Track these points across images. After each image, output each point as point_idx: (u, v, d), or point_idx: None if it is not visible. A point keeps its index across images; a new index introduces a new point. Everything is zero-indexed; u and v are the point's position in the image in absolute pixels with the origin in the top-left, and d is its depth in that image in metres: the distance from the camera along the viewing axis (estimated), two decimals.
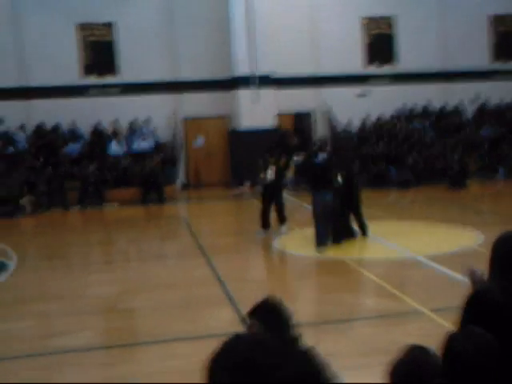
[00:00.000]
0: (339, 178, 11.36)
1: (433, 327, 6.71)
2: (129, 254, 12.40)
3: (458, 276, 8.58)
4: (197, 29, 21.75)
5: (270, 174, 12.56)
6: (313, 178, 11.30)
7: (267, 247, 11.83)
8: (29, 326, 7.79)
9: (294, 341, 1.76)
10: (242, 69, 21.03)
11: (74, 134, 21.16)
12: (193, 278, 9.69)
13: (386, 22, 23.36)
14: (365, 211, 12.10)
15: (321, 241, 11.00)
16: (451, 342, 2.53)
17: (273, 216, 12.86)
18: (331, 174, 11.21)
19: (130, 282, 9.79)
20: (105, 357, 6.82)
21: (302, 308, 8.32)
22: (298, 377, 1.59)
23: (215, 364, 1.56)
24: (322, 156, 11.54)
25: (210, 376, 1.57)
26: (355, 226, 11.87)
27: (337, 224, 11.22)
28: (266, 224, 12.67)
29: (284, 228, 12.78)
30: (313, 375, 1.60)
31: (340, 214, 11.35)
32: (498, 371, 2.46)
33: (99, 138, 21.21)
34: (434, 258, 9.79)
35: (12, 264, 11.27)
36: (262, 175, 12.75)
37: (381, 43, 23.31)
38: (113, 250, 12.71)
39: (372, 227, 12.71)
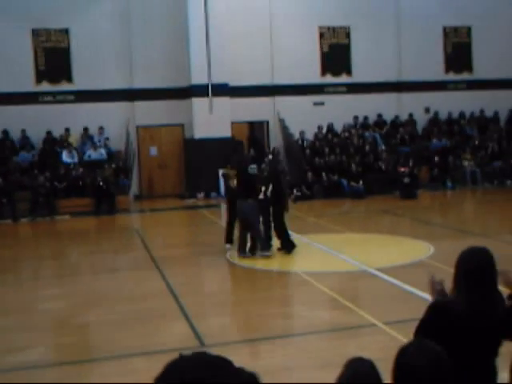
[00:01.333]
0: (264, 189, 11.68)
1: (386, 340, 6.83)
2: (80, 268, 12.22)
3: (410, 288, 8.75)
4: (153, 36, 21.65)
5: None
6: (243, 187, 11.62)
7: (220, 259, 11.81)
8: None
9: None
10: (198, 77, 21.02)
11: (25, 143, 20.77)
12: (146, 292, 9.62)
13: (344, 31, 23.64)
14: (318, 222, 12.19)
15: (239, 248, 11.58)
16: (402, 355, 2.57)
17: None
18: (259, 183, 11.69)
19: (82, 296, 9.65)
20: (59, 373, 6.71)
21: (256, 322, 8.35)
22: None
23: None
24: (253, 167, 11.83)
25: None
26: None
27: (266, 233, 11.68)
28: (230, 238, 12.40)
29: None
30: None
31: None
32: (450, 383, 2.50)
33: (51, 146, 20.87)
34: (386, 271, 9.95)
35: None
36: (232, 183, 12.41)
37: (337, 53, 23.55)
38: (64, 264, 12.50)
39: (324, 239, 12.86)
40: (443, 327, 3.26)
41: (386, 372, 3.27)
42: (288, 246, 11.70)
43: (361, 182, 20.25)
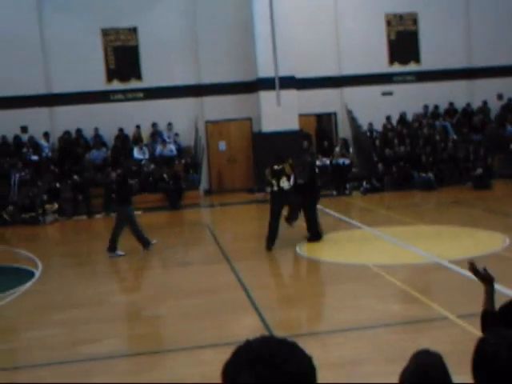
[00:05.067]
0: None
1: (459, 334, 6.66)
2: (153, 261, 12.47)
3: None
4: (219, 32, 21.81)
5: (285, 182, 11.90)
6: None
7: (290, 253, 11.80)
8: (55, 334, 7.87)
9: None
10: (265, 70, 21.02)
11: (97, 140, 21.33)
12: (217, 285, 9.71)
13: (411, 18, 23.15)
14: (387, 214, 12.02)
15: None
16: (482, 345, 2.48)
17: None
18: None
19: (155, 289, 9.84)
20: (131, 364, 6.87)
21: (327, 314, 8.31)
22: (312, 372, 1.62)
23: (231, 366, 1.58)
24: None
25: (226, 381, 1.59)
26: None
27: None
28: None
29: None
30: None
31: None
32: None
33: (123, 143, 21.35)
34: (459, 263, 9.69)
35: (37, 272, 11.39)
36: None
37: (405, 41, 23.06)
38: (137, 257, 12.77)
39: (395, 231, 12.66)
40: None
41: (459, 365, 3.17)
42: (316, 237, 11.95)
43: (432, 173, 19.80)
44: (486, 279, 3.59)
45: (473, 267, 3.62)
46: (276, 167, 11.98)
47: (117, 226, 12.46)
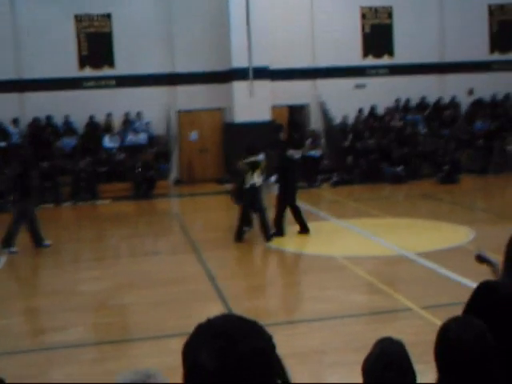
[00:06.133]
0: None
1: (423, 324, 6.77)
2: (120, 250, 12.40)
3: (449, 273, 8.63)
4: (194, 21, 21.61)
5: (258, 178, 11.79)
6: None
7: (258, 243, 11.83)
8: (19, 322, 7.81)
9: None
10: (239, 61, 20.93)
11: (68, 128, 21.08)
12: (184, 275, 9.71)
13: (386, 11, 23.24)
14: (358, 207, 12.11)
15: None
16: (446, 330, 2.51)
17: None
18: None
19: (122, 278, 9.79)
20: (96, 353, 6.85)
21: (293, 305, 8.37)
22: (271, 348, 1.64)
23: (192, 343, 1.60)
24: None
25: (187, 358, 1.60)
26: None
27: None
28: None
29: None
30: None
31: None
32: (495, 361, 2.45)
33: (93, 131, 21.13)
34: (425, 255, 9.84)
35: (1, 260, 11.26)
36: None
37: (379, 34, 23.10)
38: (104, 246, 12.69)
39: (363, 223, 12.77)
40: (488, 308, 3.19)
41: (422, 354, 3.23)
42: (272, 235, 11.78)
43: (401, 167, 19.98)
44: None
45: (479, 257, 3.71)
46: (252, 159, 11.85)
47: (15, 222, 12.03)
